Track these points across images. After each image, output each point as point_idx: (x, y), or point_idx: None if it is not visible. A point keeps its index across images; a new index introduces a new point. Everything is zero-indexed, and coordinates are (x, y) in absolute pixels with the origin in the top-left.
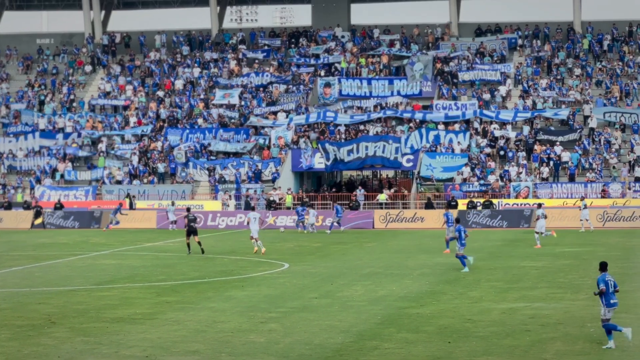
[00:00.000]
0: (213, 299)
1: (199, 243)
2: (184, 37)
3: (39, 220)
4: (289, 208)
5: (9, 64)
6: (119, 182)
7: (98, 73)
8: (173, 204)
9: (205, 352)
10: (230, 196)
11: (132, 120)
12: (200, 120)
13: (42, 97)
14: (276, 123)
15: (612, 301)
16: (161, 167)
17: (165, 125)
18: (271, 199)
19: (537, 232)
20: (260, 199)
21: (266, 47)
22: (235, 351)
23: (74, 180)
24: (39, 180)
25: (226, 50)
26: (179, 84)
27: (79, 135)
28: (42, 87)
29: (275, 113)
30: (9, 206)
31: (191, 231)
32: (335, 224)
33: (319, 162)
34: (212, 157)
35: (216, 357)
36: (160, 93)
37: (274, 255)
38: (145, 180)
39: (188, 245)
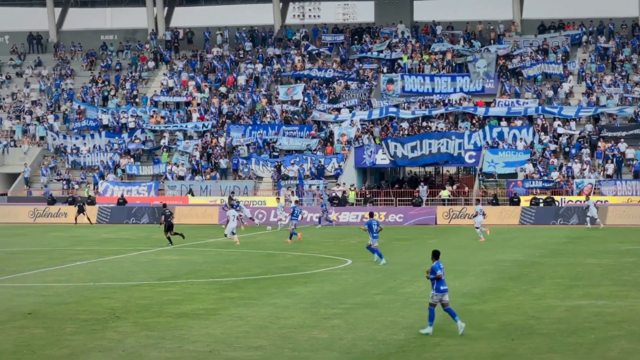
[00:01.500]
0: (276, 295)
1: (169, 238)
2: (246, 33)
3: (82, 216)
4: (352, 204)
5: (74, 60)
6: (181, 178)
7: (161, 69)
8: (231, 199)
9: (268, 348)
10: (292, 192)
11: (195, 115)
12: (263, 116)
13: (106, 93)
14: (339, 119)
15: (442, 287)
16: (223, 163)
17: (228, 121)
18: (334, 195)
19: (477, 227)
20: (323, 195)
21: (329, 44)
22: (298, 347)
23: (137, 176)
24: (102, 176)
25: (289, 46)
26: (241, 80)
27: (142, 130)
28: (106, 83)
29: (338, 109)
30: (73, 201)
31: (169, 226)
32: (324, 219)
33: (381, 159)
34: (275, 153)
35: (279, 352)
36: (223, 89)
37: (337, 252)
38: (207, 176)
39: (169, 239)
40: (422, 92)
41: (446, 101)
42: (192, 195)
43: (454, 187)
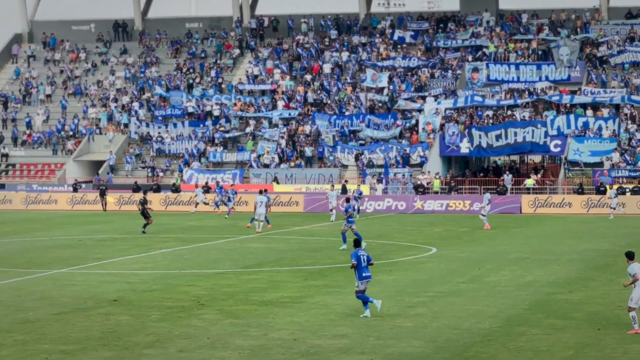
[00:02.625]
0: None
1: (145, 225)
2: (331, 20)
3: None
4: (436, 192)
5: (159, 48)
6: (266, 166)
7: (246, 57)
8: (333, 187)
9: (353, 336)
10: (378, 180)
11: (280, 103)
12: (348, 104)
13: (191, 81)
14: (424, 107)
15: (364, 274)
16: (308, 151)
17: (313, 109)
18: (419, 183)
19: (483, 215)
20: (408, 183)
21: (414, 32)
22: (383, 335)
23: (221, 163)
24: (187, 163)
25: (374, 34)
26: (326, 68)
27: (227, 118)
28: (191, 70)
29: (423, 97)
30: (158, 189)
31: (145, 214)
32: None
33: (466, 147)
34: (361, 142)
35: (364, 341)
36: (308, 77)
37: (421, 240)
38: (292, 164)
39: (145, 225)
40: (507, 80)
41: (531, 90)
42: (277, 183)
43: (539, 175)
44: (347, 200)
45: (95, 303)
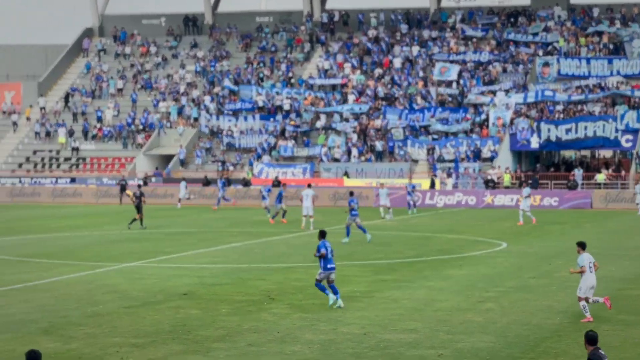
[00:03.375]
0: (430, 278)
1: (141, 219)
2: (402, 15)
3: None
4: (507, 187)
5: (229, 42)
6: (336, 160)
7: (316, 51)
8: (382, 185)
9: (422, 331)
10: (448, 175)
11: (351, 98)
12: (418, 99)
13: (261, 75)
14: (494, 102)
15: (329, 265)
16: (379, 145)
17: (383, 103)
18: (489, 177)
19: (522, 210)
20: (478, 178)
21: (484, 26)
22: (453, 330)
23: (291, 157)
24: (258, 158)
25: (444, 29)
26: (397, 62)
27: (297, 112)
28: (261, 64)
29: (493, 92)
30: (228, 183)
31: (138, 207)
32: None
33: (536, 142)
34: (434, 136)
35: (433, 335)
36: (378, 71)
37: (491, 235)
38: (362, 158)
39: (140, 220)
40: (578, 75)
41: (602, 84)
42: (348, 177)
43: (610, 170)
44: (351, 193)
45: (165, 297)
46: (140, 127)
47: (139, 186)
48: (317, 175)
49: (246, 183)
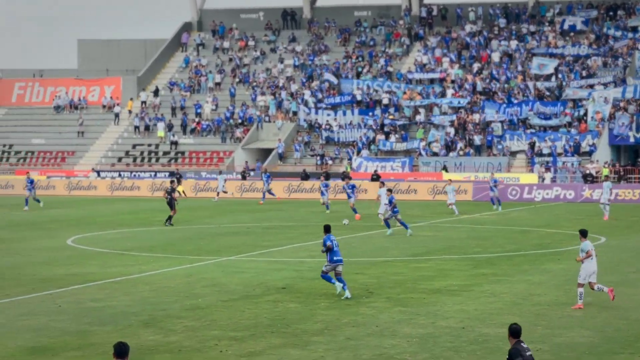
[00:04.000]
0: (529, 272)
1: (169, 217)
2: (500, 9)
3: (181, 188)
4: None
5: (328, 36)
6: (435, 154)
7: (414, 45)
8: (450, 182)
9: (521, 325)
10: (546, 169)
11: (449, 92)
12: (517, 92)
13: (360, 69)
14: (592, 96)
15: (335, 258)
16: (477, 139)
17: (482, 97)
18: (587, 172)
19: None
20: (576, 172)
21: (583, 20)
22: (552, 324)
23: (390, 151)
24: (358, 152)
25: (542, 23)
26: (495, 57)
27: (396, 106)
28: (360, 59)
29: (592, 86)
30: (327, 177)
31: (170, 204)
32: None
33: (634, 136)
34: (529, 130)
35: (532, 330)
36: (477, 65)
37: (590, 229)
38: (461, 152)
39: (169, 217)
40: None
41: None
42: (446, 171)
43: None
44: (390, 191)
45: (264, 290)
46: (239, 121)
47: (172, 182)
48: (416, 170)
49: (345, 177)
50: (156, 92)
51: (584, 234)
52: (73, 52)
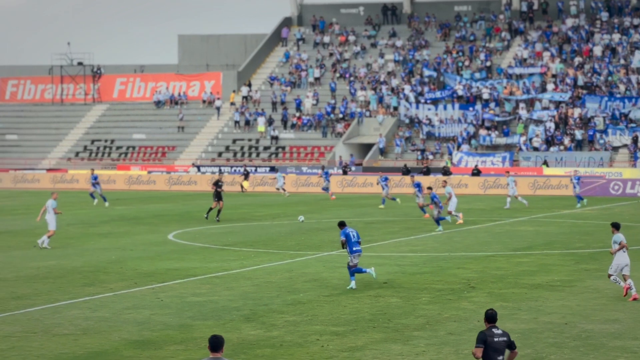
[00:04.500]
0: (633, 268)
1: (218, 210)
2: (602, 2)
3: (246, 183)
4: None
5: (428, 31)
6: (535, 149)
7: (515, 40)
8: (508, 173)
9: (625, 321)
10: None
11: (550, 86)
12: (619, 86)
13: (460, 64)
14: None
15: (354, 249)
16: (578, 134)
17: (583, 92)
18: None
19: None
20: None
21: None
22: None
23: (491, 146)
24: (458, 147)
25: None
26: (597, 50)
27: (497, 101)
28: (460, 53)
29: None
30: (427, 171)
31: (218, 196)
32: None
33: None
34: (632, 125)
35: (636, 326)
36: (578, 59)
37: None
38: (561, 147)
39: (218, 210)
40: None
41: None
42: (547, 166)
43: None
44: (430, 188)
45: (365, 285)
46: (340, 115)
47: (220, 174)
48: (517, 164)
49: (446, 172)
50: (256, 87)
51: (616, 226)
52: (174, 47)
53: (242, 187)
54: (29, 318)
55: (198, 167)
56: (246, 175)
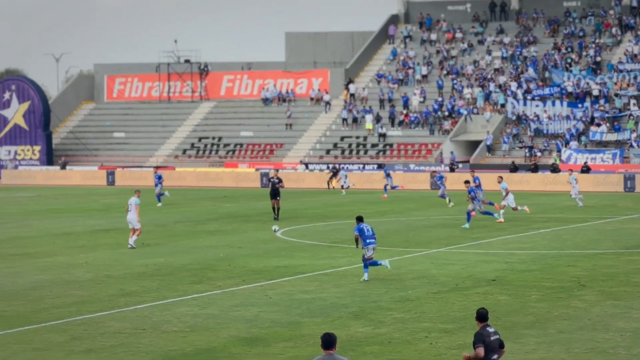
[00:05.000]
0: None
1: (277, 209)
2: None
3: (334, 182)
4: None
5: (536, 27)
6: None
7: (625, 35)
8: (571, 172)
9: None
10: None
11: None
12: None
13: (569, 60)
14: None
15: (368, 241)
16: None
17: None
18: None
19: None
20: None
21: None
22: None
23: (600, 143)
24: (566, 143)
25: None
26: None
27: (606, 98)
28: (569, 49)
29: None
30: (535, 169)
31: (274, 194)
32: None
33: None
34: None
35: None
36: None
37: None
38: None
39: (273, 208)
40: None
41: None
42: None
43: None
44: (467, 182)
45: (474, 282)
46: (447, 113)
47: (277, 171)
48: (627, 161)
49: (554, 169)
50: (364, 85)
51: None
52: (281, 44)
53: (329, 184)
54: (138, 315)
55: (306, 165)
56: (335, 173)
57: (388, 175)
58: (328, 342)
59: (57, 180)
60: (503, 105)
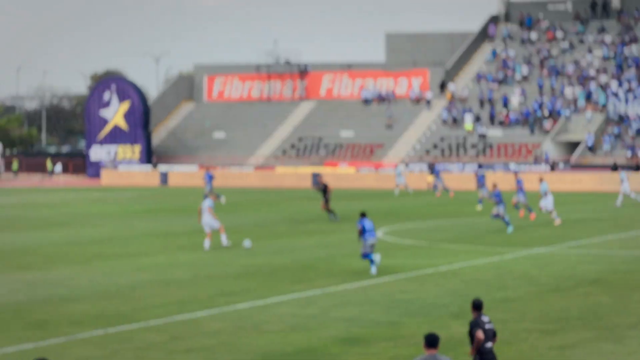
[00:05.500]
0: None
1: (328, 210)
2: None
3: (430, 178)
4: None
5: (638, 26)
6: None
7: None
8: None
9: None
10: None
11: None
12: None
13: None
14: None
15: (367, 234)
16: None
17: None
18: None
19: None
20: None
21: None
22: None
23: None
24: None
25: None
26: None
27: None
28: None
29: None
30: (637, 168)
31: (326, 198)
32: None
33: None
34: None
35: None
36: None
37: None
38: None
39: (327, 211)
40: None
41: None
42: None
43: None
44: (494, 186)
45: (575, 283)
46: (547, 113)
47: (319, 175)
48: None
49: (638, 167)
50: (464, 85)
51: None
52: (380, 45)
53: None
54: (238, 315)
55: (406, 165)
56: (432, 172)
57: (438, 175)
58: (432, 341)
59: (156, 179)
60: (604, 105)
